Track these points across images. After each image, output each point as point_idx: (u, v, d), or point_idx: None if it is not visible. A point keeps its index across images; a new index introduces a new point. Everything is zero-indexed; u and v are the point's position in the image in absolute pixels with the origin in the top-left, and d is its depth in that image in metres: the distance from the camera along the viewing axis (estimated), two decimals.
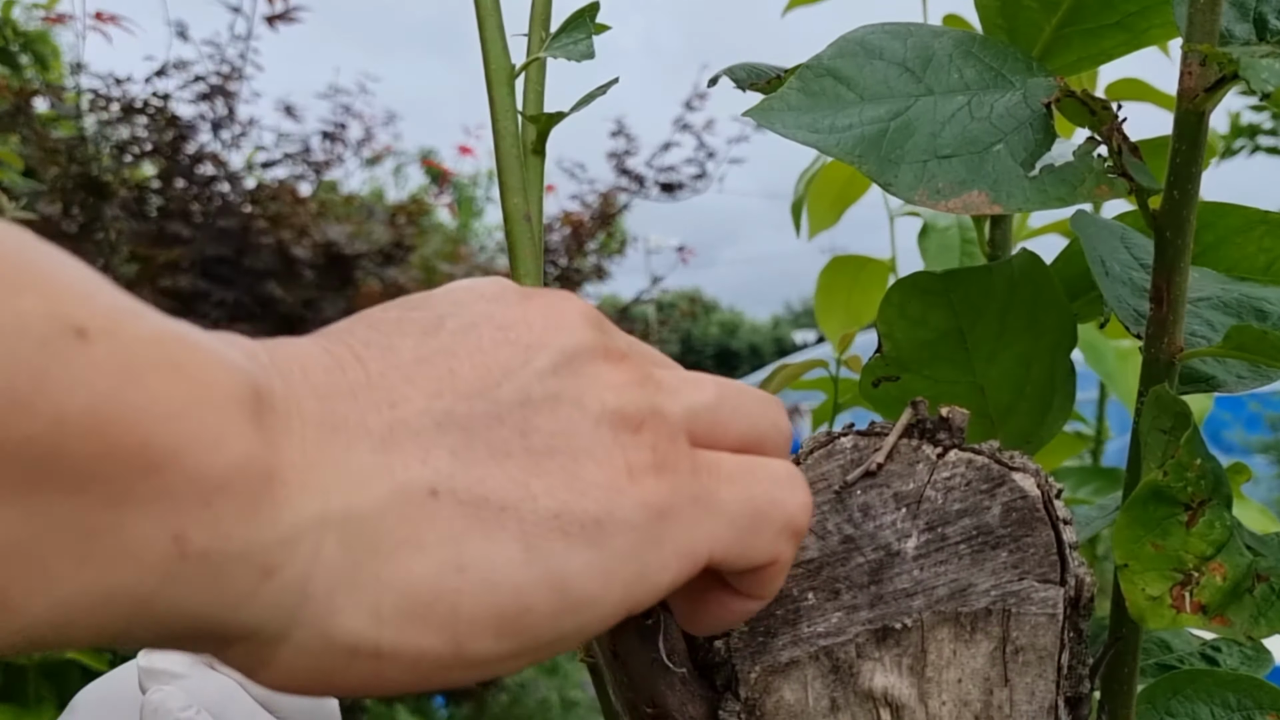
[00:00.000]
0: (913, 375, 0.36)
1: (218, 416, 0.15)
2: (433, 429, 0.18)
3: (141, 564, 0.15)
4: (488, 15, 0.31)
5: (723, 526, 0.21)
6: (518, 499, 0.18)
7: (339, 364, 0.18)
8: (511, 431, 0.19)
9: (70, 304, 0.14)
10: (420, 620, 0.17)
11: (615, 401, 0.20)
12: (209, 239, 1.96)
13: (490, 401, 0.19)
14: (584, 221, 2.59)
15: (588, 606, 0.19)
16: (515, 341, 0.20)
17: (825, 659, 0.27)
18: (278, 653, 0.17)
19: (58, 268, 0.15)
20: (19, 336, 0.14)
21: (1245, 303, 0.33)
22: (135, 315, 0.15)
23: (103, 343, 0.14)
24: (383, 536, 0.17)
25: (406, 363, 0.19)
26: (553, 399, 0.20)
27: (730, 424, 0.23)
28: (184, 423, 0.15)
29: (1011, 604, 0.27)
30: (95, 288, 0.15)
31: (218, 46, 2.07)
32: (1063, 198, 0.29)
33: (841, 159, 0.29)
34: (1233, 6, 0.32)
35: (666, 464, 0.20)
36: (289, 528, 0.16)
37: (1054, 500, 0.28)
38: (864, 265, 0.76)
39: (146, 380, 0.15)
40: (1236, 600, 0.28)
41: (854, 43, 0.31)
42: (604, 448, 0.20)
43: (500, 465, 0.19)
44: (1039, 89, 0.31)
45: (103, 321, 0.15)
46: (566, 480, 0.19)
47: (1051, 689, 0.27)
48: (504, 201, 0.31)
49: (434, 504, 0.18)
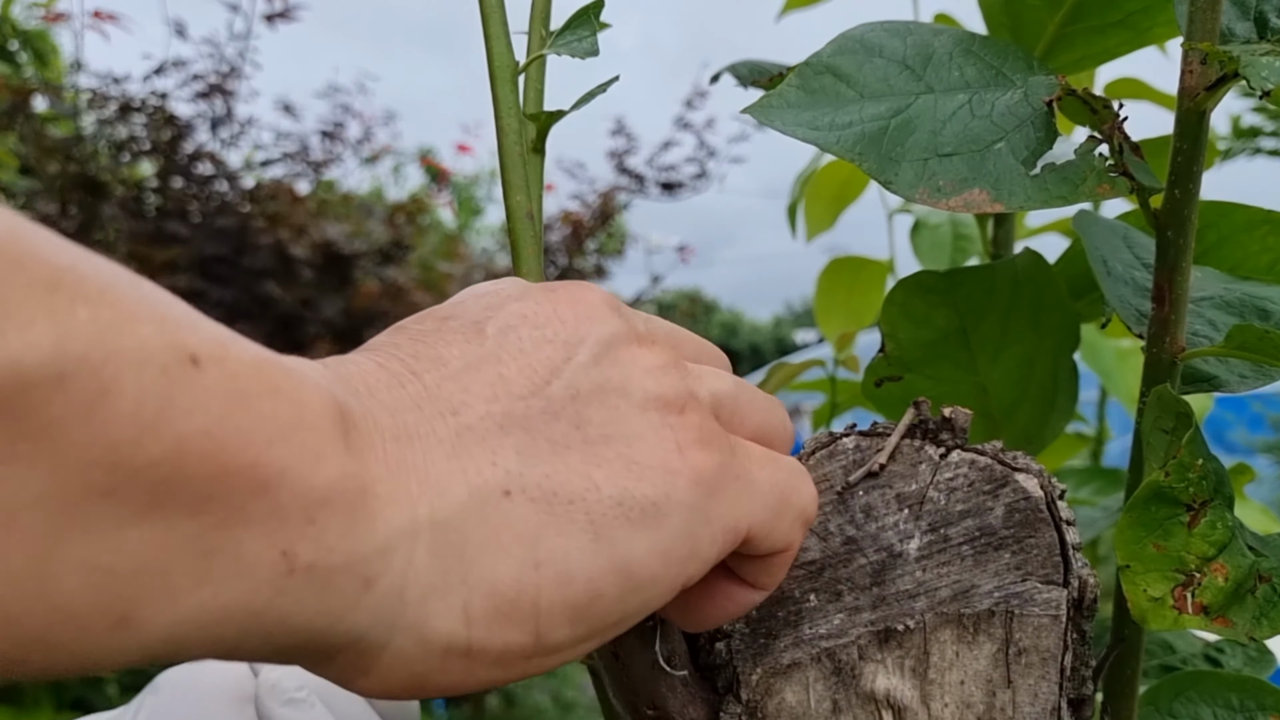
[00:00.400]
0: (915, 375, 0.36)
1: (316, 437, 0.16)
2: (496, 431, 0.19)
3: (254, 580, 0.16)
4: (492, 12, 0.31)
5: (758, 505, 0.22)
6: (583, 490, 0.19)
7: (397, 379, 0.19)
8: (568, 425, 0.20)
9: (183, 332, 0.15)
10: (505, 617, 0.18)
11: (656, 387, 0.21)
12: (207, 238, 1.96)
13: (544, 399, 0.20)
14: (583, 221, 2.59)
15: (650, 585, 0.20)
16: (554, 339, 0.21)
17: (827, 661, 0.27)
18: (378, 660, 0.18)
19: (164, 298, 0.16)
20: (143, 365, 0.14)
21: (1248, 302, 0.33)
22: (235, 342, 0.16)
23: (213, 370, 0.15)
24: (466, 540, 0.18)
25: (457, 371, 0.20)
26: (599, 390, 0.20)
27: (747, 415, 0.24)
28: (288, 444, 0.16)
29: (1014, 605, 0.27)
30: (197, 317, 0.16)
31: (216, 45, 2.07)
32: (1064, 196, 0.29)
33: (842, 156, 0.29)
34: (1233, 5, 0.31)
35: (712, 442, 0.21)
36: (384, 538, 0.17)
37: (1057, 501, 0.27)
38: (863, 266, 0.76)
39: (253, 404, 0.16)
40: (1238, 601, 0.28)
41: (854, 40, 0.31)
42: (654, 430, 0.21)
43: (563, 458, 0.19)
44: (1040, 87, 0.31)
45: (211, 349, 0.15)
46: (624, 466, 0.20)
47: (1054, 691, 0.27)
48: (507, 199, 0.31)
49: (508, 504, 0.19)
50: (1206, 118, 0.30)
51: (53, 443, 0.13)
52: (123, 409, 0.14)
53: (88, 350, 0.14)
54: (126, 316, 0.14)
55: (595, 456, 0.20)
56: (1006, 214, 0.43)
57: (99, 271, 0.15)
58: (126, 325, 0.14)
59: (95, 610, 0.14)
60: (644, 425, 0.21)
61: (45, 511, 0.14)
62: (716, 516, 0.21)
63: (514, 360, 0.20)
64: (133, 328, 0.14)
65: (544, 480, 0.19)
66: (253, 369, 0.16)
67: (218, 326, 0.16)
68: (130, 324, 0.14)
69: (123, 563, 0.14)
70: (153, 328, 0.15)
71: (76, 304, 0.14)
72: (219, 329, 0.16)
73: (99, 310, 0.14)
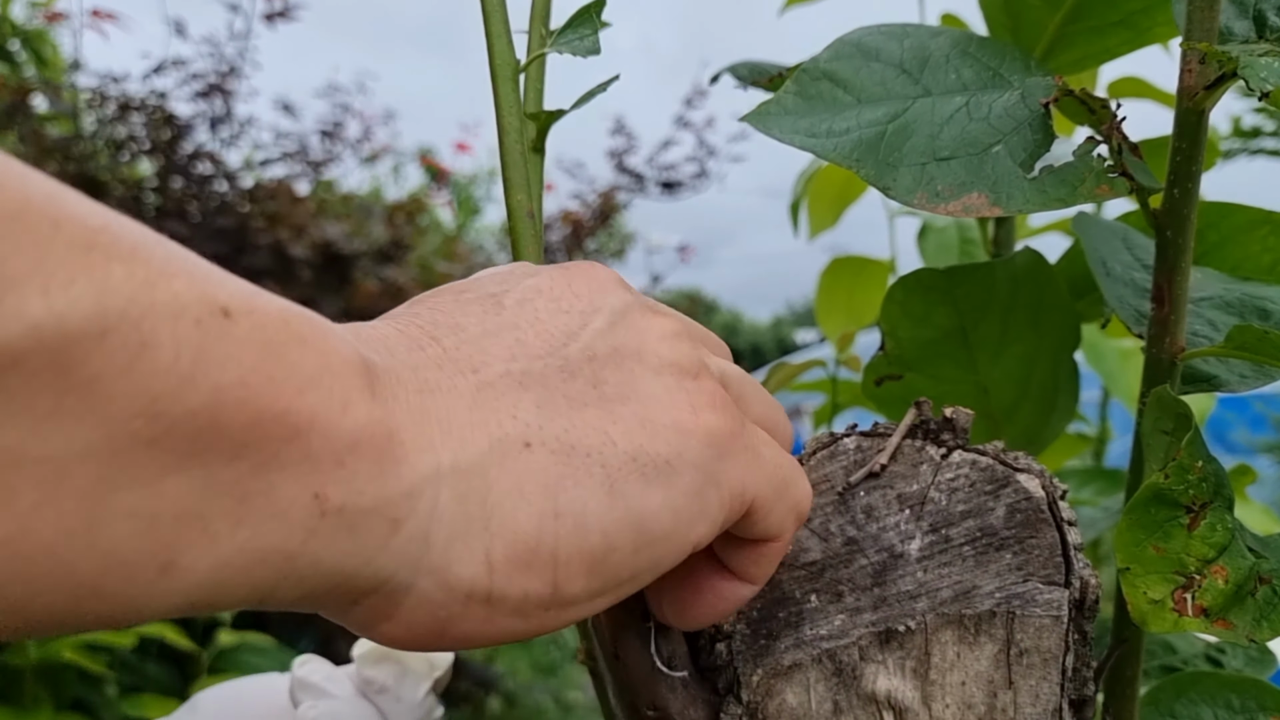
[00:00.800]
0: (916, 374, 0.36)
1: (343, 384, 0.17)
2: (516, 387, 0.20)
3: (289, 522, 0.16)
4: (493, 10, 0.31)
5: (764, 478, 0.23)
6: (600, 444, 0.20)
7: (416, 343, 0.20)
8: (585, 384, 0.21)
9: (212, 285, 0.16)
10: (525, 565, 0.19)
11: (670, 354, 0.22)
12: (206, 238, 1.96)
13: (561, 358, 0.21)
14: (583, 220, 2.59)
15: (661, 541, 0.21)
16: (569, 310, 0.22)
17: (828, 662, 0.27)
18: (402, 604, 0.18)
19: (190, 256, 0.16)
20: (178, 318, 0.15)
21: (1248, 302, 0.33)
22: (260, 296, 0.17)
23: (244, 321, 0.16)
24: (489, 488, 0.19)
25: (476, 336, 0.20)
26: (615, 353, 0.21)
27: (753, 400, 0.25)
28: (317, 391, 0.16)
29: (1016, 606, 0.27)
30: (222, 273, 0.16)
31: (216, 44, 2.07)
32: (1063, 198, 0.29)
33: (839, 164, 0.29)
34: (1232, 4, 0.31)
35: (725, 408, 0.22)
36: (411, 483, 0.18)
37: (1059, 501, 0.27)
38: (864, 266, 0.76)
39: (283, 354, 0.16)
40: (1239, 603, 0.28)
41: (850, 45, 0.31)
42: (668, 392, 0.21)
43: (580, 414, 0.20)
44: (1037, 89, 0.31)
45: (240, 301, 0.16)
46: (639, 424, 0.21)
47: (1056, 692, 0.27)
48: (508, 198, 0.31)
49: (529, 455, 0.19)
50: (1205, 117, 0.30)
51: (97, 396, 0.14)
52: (161, 361, 0.14)
53: (126, 305, 0.14)
54: (159, 273, 0.15)
55: (611, 414, 0.20)
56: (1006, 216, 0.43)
57: (129, 231, 0.15)
58: (160, 281, 0.15)
59: (142, 556, 0.15)
60: (659, 387, 0.21)
61: (94, 462, 0.14)
62: (726, 480, 0.22)
63: (531, 327, 0.21)
64: (165, 283, 0.15)
65: (563, 434, 0.20)
66: (280, 320, 0.16)
67: (242, 282, 0.17)
68: (163, 279, 0.15)
69: (166, 509, 0.15)
70: (184, 281, 0.15)
71: (112, 262, 0.14)
72: (244, 284, 0.17)
73: (133, 267, 0.15)
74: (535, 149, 0.31)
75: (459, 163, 3.68)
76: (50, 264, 0.13)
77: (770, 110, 0.30)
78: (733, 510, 0.22)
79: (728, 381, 0.24)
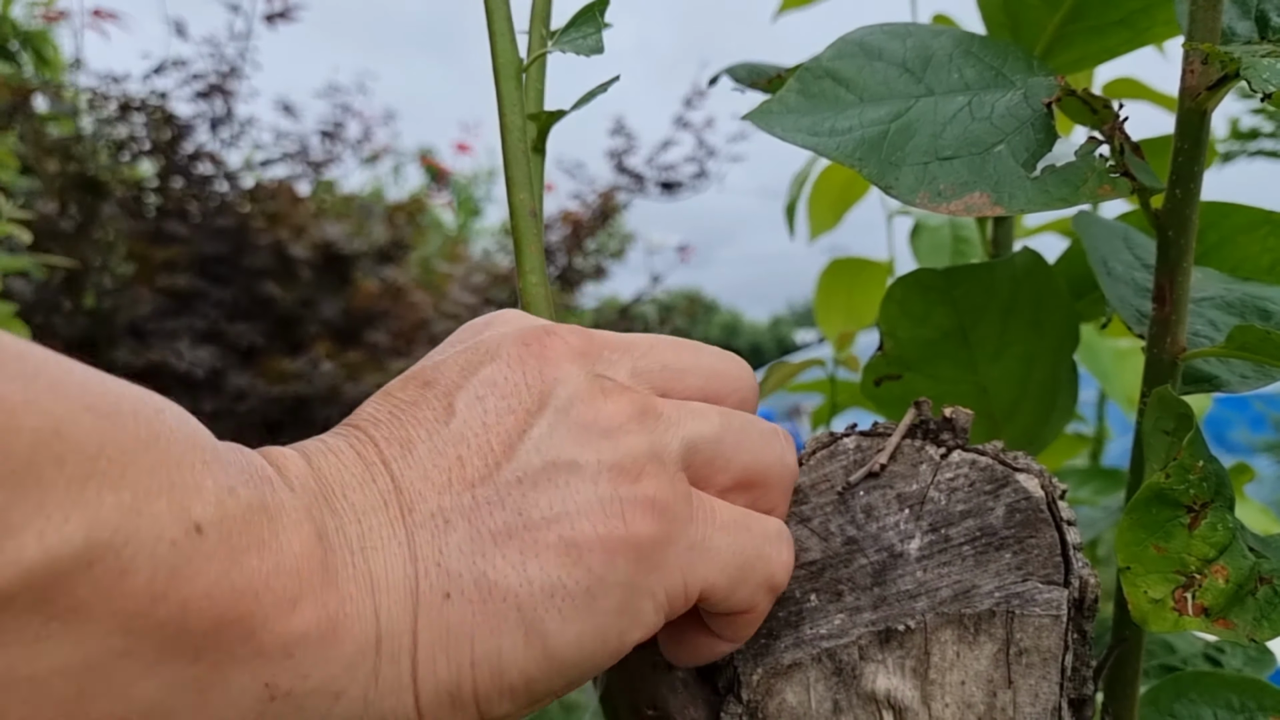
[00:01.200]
0: (915, 374, 0.36)
1: (295, 582, 0.19)
2: (444, 528, 0.21)
3: (241, 709, 0.18)
4: (496, 9, 0.31)
5: (714, 571, 0.23)
6: (517, 584, 0.21)
7: (370, 472, 0.21)
8: (511, 513, 0.21)
9: (190, 498, 0.17)
10: (449, 705, 0.21)
11: (611, 454, 0.22)
12: (206, 238, 1.96)
13: (492, 487, 0.21)
14: (583, 220, 2.59)
15: (585, 662, 0.21)
16: (516, 408, 0.22)
17: (828, 661, 0.27)
18: None
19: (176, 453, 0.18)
20: (157, 540, 0.16)
21: (1249, 302, 0.33)
22: (231, 493, 0.18)
23: (212, 534, 0.17)
24: (415, 644, 0.20)
25: (423, 458, 0.21)
26: (549, 468, 0.21)
27: (733, 458, 0.24)
28: (271, 593, 0.18)
29: (1015, 606, 0.26)
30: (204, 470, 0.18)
31: (216, 45, 2.07)
32: (1065, 198, 0.28)
33: (842, 163, 0.29)
34: (1234, 4, 0.31)
35: (666, 510, 0.22)
36: (350, 656, 0.19)
37: (1058, 501, 0.27)
38: (863, 267, 0.76)
39: (244, 560, 0.18)
40: (1239, 603, 0.28)
41: (853, 44, 0.31)
42: (600, 504, 0.21)
43: (502, 550, 0.21)
44: (1040, 88, 0.31)
45: (212, 512, 0.18)
46: (562, 550, 0.21)
47: (1055, 691, 0.27)
48: (510, 197, 0.31)
49: (448, 606, 0.20)
50: (1208, 118, 0.30)
51: (79, 619, 0.16)
52: (139, 583, 0.16)
53: (112, 536, 0.16)
54: (145, 493, 0.16)
55: (534, 543, 0.21)
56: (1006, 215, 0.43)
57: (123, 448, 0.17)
58: (145, 505, 0.16)
59: None
60: (591, 498, 0.21)
61: (73, 677, 0.16)
62: (661, 586, 0.22)
63: (476, 438, 0.22)
64: (149, 506, 0.16)
65: (481, 578, 0.21)
66: (244, 522, 0.18)
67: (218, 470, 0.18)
68: (148, 501, 0.17)
69: (136, 711, 0.17)
70: (165, 501, 0.17)
71: (105, 491, 0.16)
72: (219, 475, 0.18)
73: (121, 493, 0.16)
74: (536, 149, 0.31)
75: (459, 162, 3.68)
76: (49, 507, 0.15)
77: (773, 108, 0.30)
78: (675, 608, 0.22)
79: (696, 449, 0.23)
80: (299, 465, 0.21)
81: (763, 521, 0.24)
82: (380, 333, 2.04)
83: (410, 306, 2.10)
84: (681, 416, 0.23)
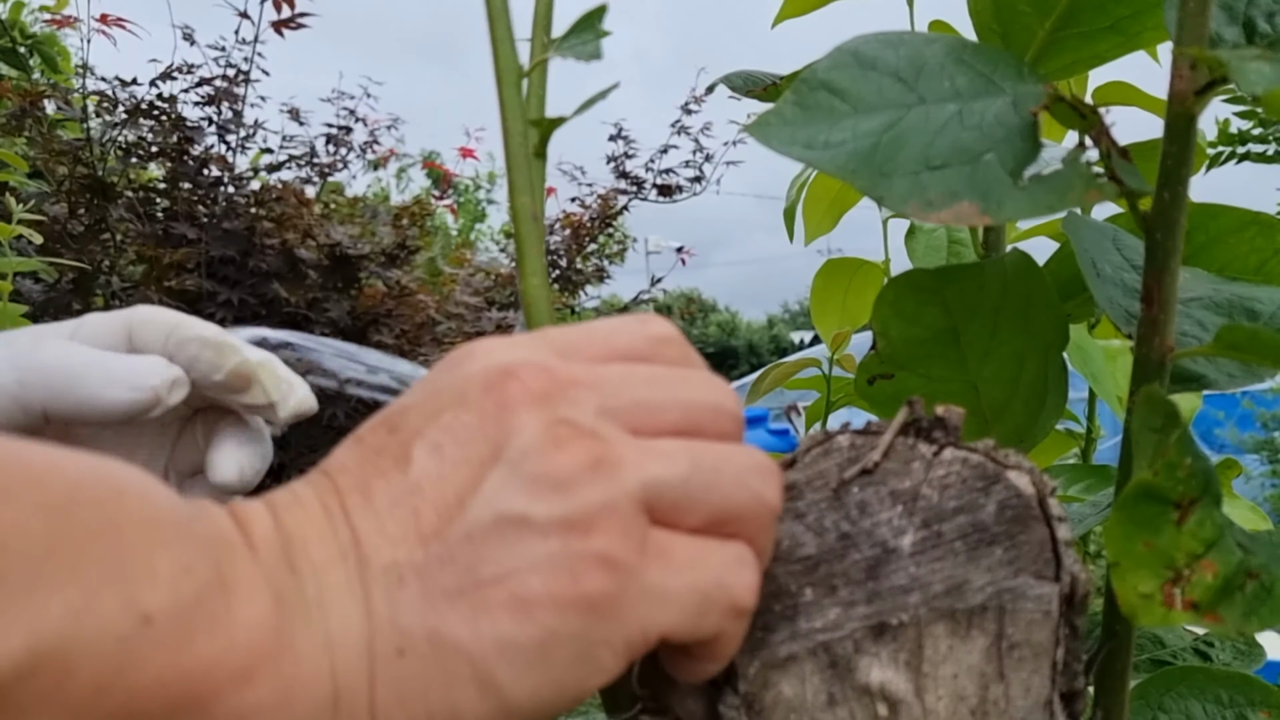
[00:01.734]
0: (907, 373, 0.37)
1: (249, 655, 0.19)
2: (396, 584, 0.21)
3: None
4: (498, 15, 0.31)
5: (672, 614, 0.23)
6: (468, 639, 0.21)
7: (332, 525, 0.21)
8: (462, 569, 0.21)
9: (140, 586, 0.17)
10: None
11: (563, 509, 0.21)
12: (214, 240, 1.97)
13: (443, 543, 0.21)
14: (583, 223, 2.60)
15: (545, 711, 0.21)
16: (472, 459, 0.22)
17: (823, 654, 0.27)
18: None
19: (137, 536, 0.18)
20: (102, 639, 0.16)
21: (1236, 302, 0.34)
22: (188, 573, 0.18)
23: (163, 622, 0.17)
24: (372, 699, 0.20)
25: (381, 510, 0.22)
26: (499, 524, 0.21)
27: (701, 499, 0.23)
28: (224, 670, 0.18)
29: (1007, 600, 0.27)
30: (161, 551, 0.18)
31: (223, 50, 2.08)
32: (1052, 205, 0.29)
33: (835, 175, 0.29)
34: (1222, 10, 0.32)
35: (617, 565, 0.22)
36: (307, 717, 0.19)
37: (1048, 498, 0.28)
38: (858, 268, 0.76)
39: (196, 644, 0.18)
40: (1228, 597, 0.28)
41: (848, 53, 0.31)
42: (550, 561, 0.21)
43: (453, 606, 0.21)
44: (1028, 97, 0.31)
45: (163, 597, 0.18)
46: (513, 607, 0.21)
47: (1047, 684, 0.27)
48: (512, 200, 0.31)
49: (402, 663, 0.21)
50: (1195, 122, 0.31)
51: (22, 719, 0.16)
52: (83, 682, 0.16)
53: (57, 643, 0.16)
54: (93, 590, 0.17)
55: (484, 600, 0.21)
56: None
57: (75, 542, 0.17)
58: (92, 603, 0.16)
59: None
60: (541, 554, 0.21)
61: None
62: (617, 636, 0.22)
63: (432, 488, 0.22)
64: (97, 603, 0.16)
65: (433, 634, 0.21)
66: (195, 603, 0.18)
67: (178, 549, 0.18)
68: (95, 599, 0.16)
69: None
70: (114, 594, 0.17)
71: (51, 596, 0.16)
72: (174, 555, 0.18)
73: (68, 593, 0.16)
74: (538, 154, 0.32)
75: (463, 167, 3.68)
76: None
77: (770, 121, 0.30)
78: (635, 652, 0.22)
79: (659, 493, 0.22)
80: (264, 524, 0.21)
81: (721, 550, 0.24)
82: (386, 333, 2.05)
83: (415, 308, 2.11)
84: (644, 460, 0.22)
